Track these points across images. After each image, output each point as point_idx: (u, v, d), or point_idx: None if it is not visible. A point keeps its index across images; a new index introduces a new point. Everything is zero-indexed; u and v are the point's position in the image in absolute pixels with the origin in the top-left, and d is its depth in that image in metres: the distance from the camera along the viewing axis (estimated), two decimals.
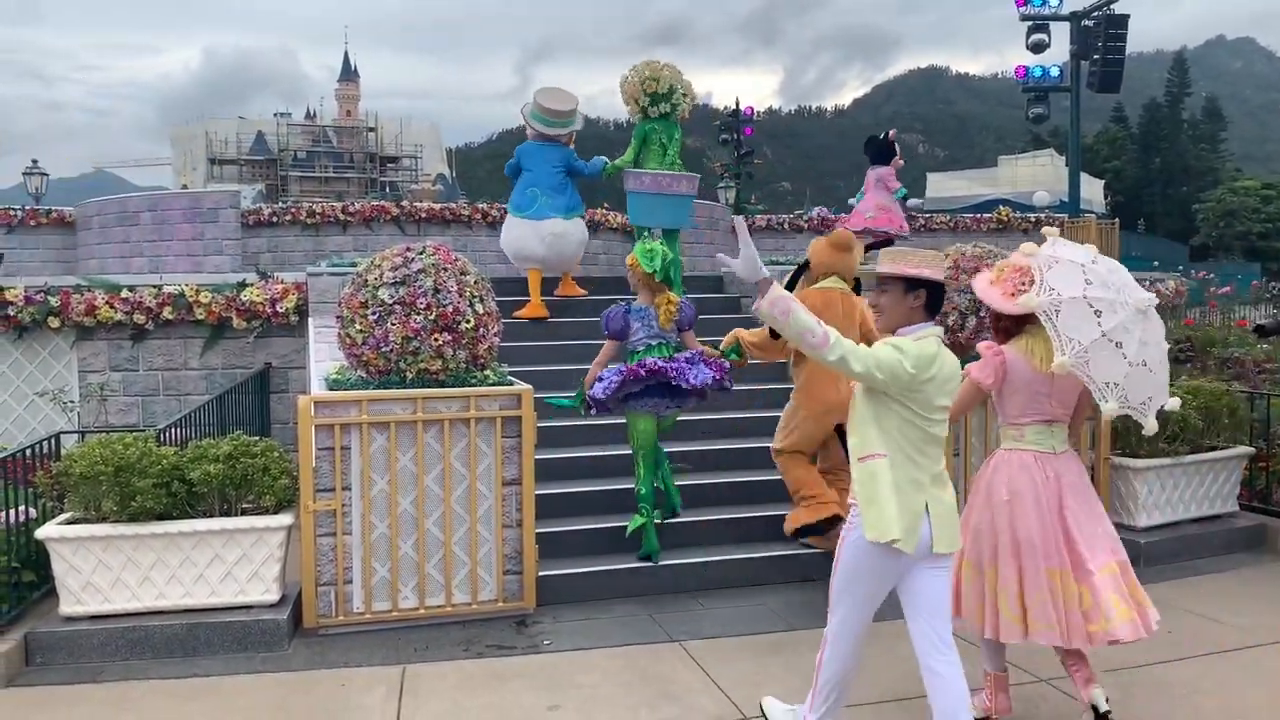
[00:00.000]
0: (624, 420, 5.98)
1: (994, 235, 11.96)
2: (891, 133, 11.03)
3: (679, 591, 5.80)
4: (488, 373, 5.66)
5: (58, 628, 4.88)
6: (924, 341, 3.47)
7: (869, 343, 3.75)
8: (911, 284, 3.52)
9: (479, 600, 5.41)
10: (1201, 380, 7.46)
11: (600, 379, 5.79)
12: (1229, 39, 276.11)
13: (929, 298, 3.53)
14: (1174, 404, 4.00)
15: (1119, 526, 6.46)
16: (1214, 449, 6.74)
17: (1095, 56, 21.21)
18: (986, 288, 4.10)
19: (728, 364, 5.91)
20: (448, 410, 5.32)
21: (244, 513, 5.16)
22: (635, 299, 6.01)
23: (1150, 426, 3.90)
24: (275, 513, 5.17)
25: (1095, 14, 21.45)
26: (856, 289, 6.07)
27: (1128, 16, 21.26)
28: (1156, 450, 6.51)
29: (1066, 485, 3.98)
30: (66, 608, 4.94)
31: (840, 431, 5.73)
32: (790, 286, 6.02)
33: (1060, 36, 21.88)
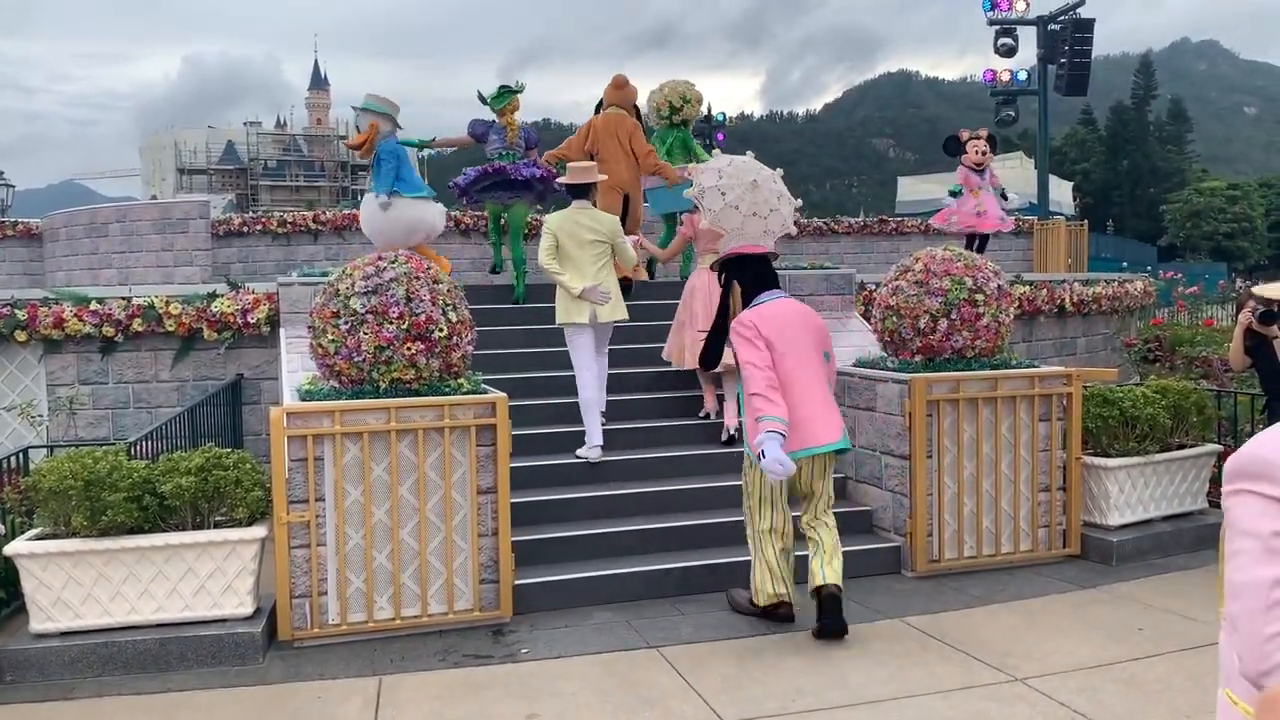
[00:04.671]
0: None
1: (965, 238, 12.02)
2: (963, 133, 11.94)
3: (656, 597, 5.80)
4: (461, 381, 5.64)
5: (28, 645, 4.81)
6: (565, 211, 6.92)
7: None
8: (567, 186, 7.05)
9: (455, 610, 5.39)
10: (1170, 379, 7.55)
11: (464, 174, 9.25)
12: (1194, 42, 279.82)
13: (572, 189, 6.95)
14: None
15: (1091, 525, 6.56)
16: (1183, 447, 6.82)
17: (1062, 60, 21.43)
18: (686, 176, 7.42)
19: (555, 172, 8.77)
20: (421, 419, 5.30)
21: (217, 525, 5.11)
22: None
23: (769, 244, 5.80)
24: (248, 525, 5.12)
25: (1061, 18, 21.68)
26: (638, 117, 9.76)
27: (1093, 20, 21.48)
28: (1127, 450, 6.58)
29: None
30: (37, 625, 4.88)
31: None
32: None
33: (1028, 40, 22.10)
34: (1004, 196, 11.88)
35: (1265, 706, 0.90)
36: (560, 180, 7.29)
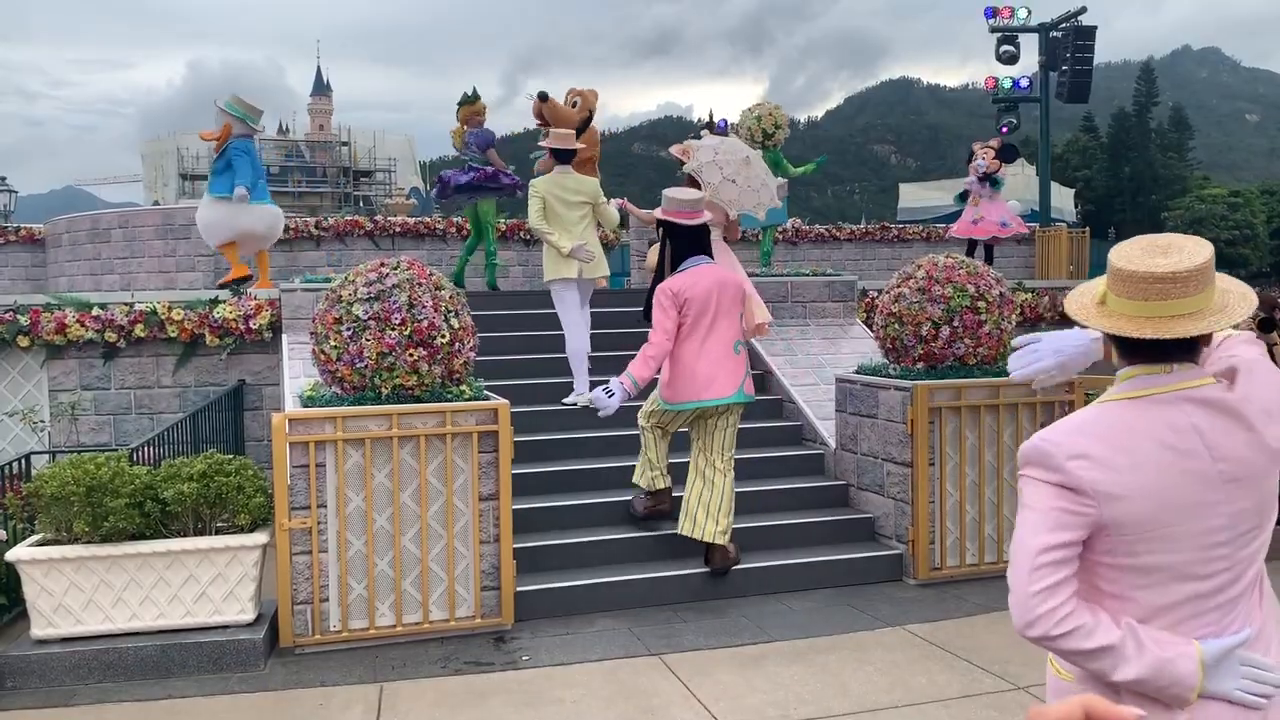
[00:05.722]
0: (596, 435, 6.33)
1: (967, 246, 12.07)
2: (975, 144, 12.93)
3: (658, 605, 5.80)
4: (463, 387, 5.64)
5: (29, 651, 4.81)
6: (550, 174, 7.61)
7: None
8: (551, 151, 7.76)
9: (457, 617, 5.39)
10: None
11: (441, 179, 10.37)
12: (1195, 49, 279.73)
13: (554, 155, 7.66)
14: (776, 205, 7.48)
15: None
16: None
17: (1064, 67, 21.43)
18: (678, 153, 7.24)
19: (489, 171, 10.03)
20: (423, 426, 5.30)
21: (218, 531, 5.11)
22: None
23: (760, 215, 7.32)
24: (250, 531, 5.13)
25: (1063, 26, 21.69)
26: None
27: (1095, 28, 21.47)
28: None
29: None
30: (38, 630, 4.88)
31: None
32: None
33: (1030, 47, 22.10)
34: (994, 184, 12.09)
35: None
36: (544, 143, 8.01)
